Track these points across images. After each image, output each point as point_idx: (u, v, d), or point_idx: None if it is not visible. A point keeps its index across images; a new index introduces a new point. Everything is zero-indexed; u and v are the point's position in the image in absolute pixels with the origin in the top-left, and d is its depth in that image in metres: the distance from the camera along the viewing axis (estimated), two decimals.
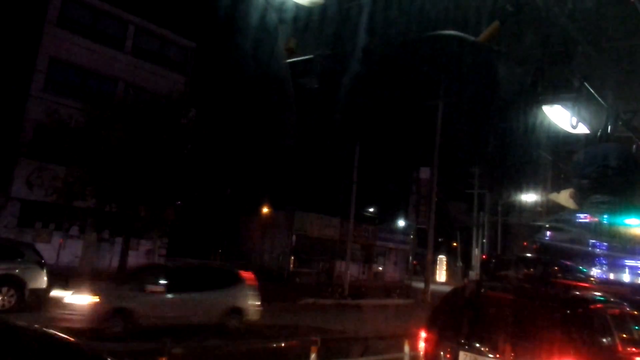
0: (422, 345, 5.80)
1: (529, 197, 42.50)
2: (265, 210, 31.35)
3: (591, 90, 7.11)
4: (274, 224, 30.68)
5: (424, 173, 37.48)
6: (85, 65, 21.41)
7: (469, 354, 5.35)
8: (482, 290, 5.91)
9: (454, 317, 5.88)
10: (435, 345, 5.71)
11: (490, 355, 5.17)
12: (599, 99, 7.42)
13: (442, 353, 5.60)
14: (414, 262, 61.65)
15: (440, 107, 29.28)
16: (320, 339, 6.45)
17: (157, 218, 16.86)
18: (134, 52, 22.98)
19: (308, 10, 6.82)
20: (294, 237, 28.94)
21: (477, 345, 5.33)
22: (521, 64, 7.07)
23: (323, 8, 6.68)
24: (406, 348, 7.46)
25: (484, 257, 40.49)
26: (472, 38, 6.20)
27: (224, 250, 26.62)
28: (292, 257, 28.99)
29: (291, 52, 7.74)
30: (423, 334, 5.84)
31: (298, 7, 6.58)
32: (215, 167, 27.16)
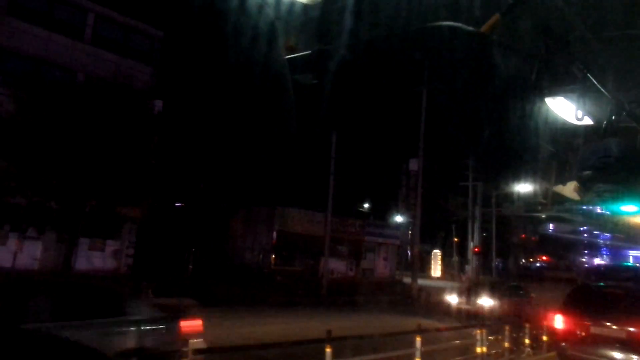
0: (560, 325, 8.83)
1: (524, 188, 41.16)
2: (246, 206, 30.15)
3: (594, 81, 6.98)
4: (255, 221, 29.45)
5: (414, 164, 36.20)
6: (39, 55, 20.14)
7: (597, 327, 8.16)
8: (595, 289, 9.25)
9: (580, 306, 8.82)
10: (571, 324, 8.66)
11: (614, 327, 7.98)
12: (603, 90, 7.24)
13: (577, 329, 8.53)
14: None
15: (425, 94, 28.00)
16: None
17: (107, 215, 15.58)
18: (94, 42, 21.70)
19: (304, 6, 6.80)
20: (274, 234, 27.66)
21: (603, 321, 8.19)
22: (524, 56, 7.13)
23: (322, 4, 6.71)
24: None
25: (476, 249, 39.20)
26: (471, 29, 6.22)
27: (199, 248, 25.32)
28: (273, 255, 27.69)
29: (292, 50, 8.02)
30: (560, 317, 8.89)
31: (295, 3, 6.58)
32: (188, 162, 25.98)
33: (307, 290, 22.37)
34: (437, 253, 47.14)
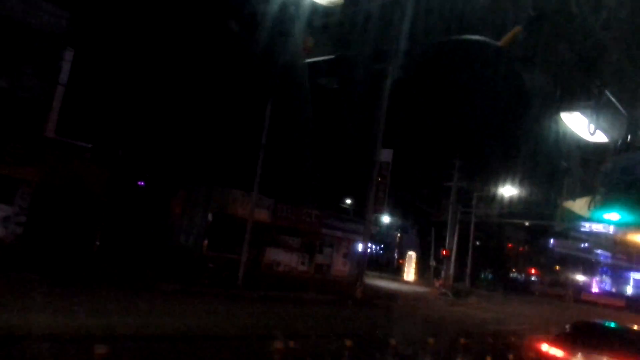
0: None
1: (508, 192, 37.98)
2: (188, 186, 27.38)
3: (612, 98, 6.72)
4: (194, 202, 26.62)
5: (386, 155, 33.17)
6: None
7: None
8: None
9: None
10: None
11: None
12: (619, 107, 6.99)
13: None
14: (400, 260, 57.21)
15: (389, 72, 24.95)
16: None
17: None
18: None
19: (324, 9, 6.89)
20: (209, 216, 24.75)
21: None
22: (544, 70, 6.88)
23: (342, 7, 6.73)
24: None
25: (444, 252, 36.09)
26: (496, 43, 6.11)
27: (117, 225, 22.33)
28: (206, 240, 24.77)
29: (309, 52, 7.88)
30: None
31: (315, 5, 6.74)
32: (114, 127, 23.15)
33: (225, 280, 19.47)
34: (412, 255, 43.99)
